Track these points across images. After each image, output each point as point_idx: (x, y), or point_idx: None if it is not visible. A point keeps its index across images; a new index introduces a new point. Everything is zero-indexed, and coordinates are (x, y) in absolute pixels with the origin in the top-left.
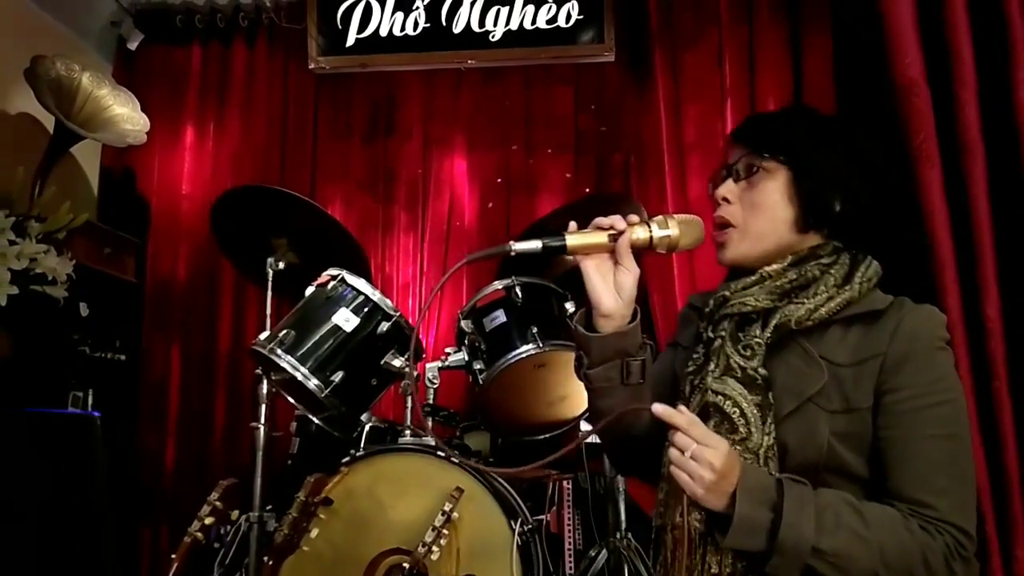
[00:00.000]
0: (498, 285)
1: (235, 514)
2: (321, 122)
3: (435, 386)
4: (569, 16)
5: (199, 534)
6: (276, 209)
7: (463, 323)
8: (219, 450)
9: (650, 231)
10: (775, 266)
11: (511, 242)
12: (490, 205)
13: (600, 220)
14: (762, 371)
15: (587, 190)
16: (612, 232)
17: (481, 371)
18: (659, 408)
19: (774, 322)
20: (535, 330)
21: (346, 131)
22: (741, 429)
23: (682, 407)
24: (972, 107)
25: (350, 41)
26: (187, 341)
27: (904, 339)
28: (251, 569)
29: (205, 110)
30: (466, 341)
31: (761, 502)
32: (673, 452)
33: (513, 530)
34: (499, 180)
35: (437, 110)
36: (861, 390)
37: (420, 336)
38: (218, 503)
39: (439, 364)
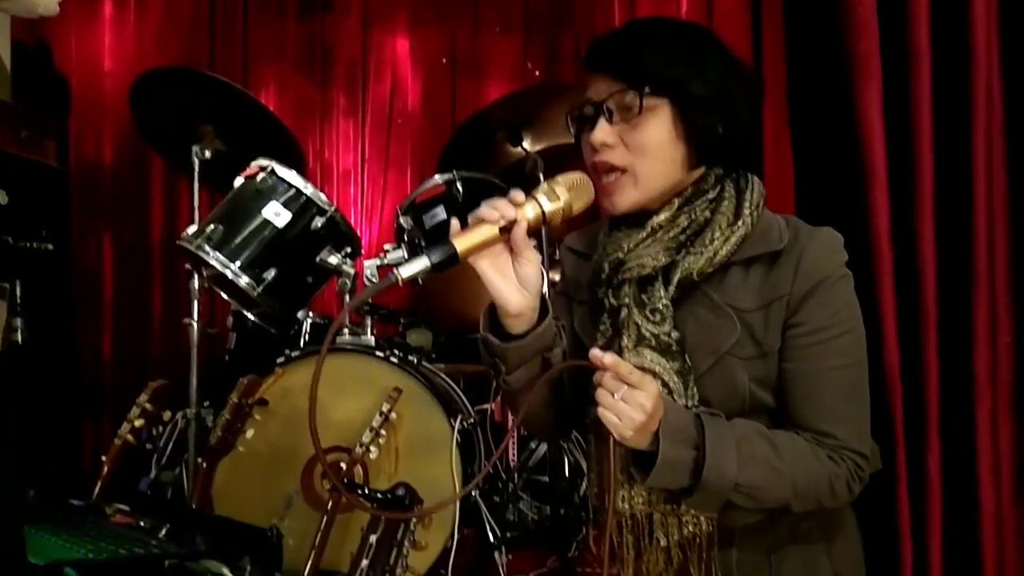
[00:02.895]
0: (438, 180)
1: (167, 414)
2: None
3: None
4: None
5: (129, 436)
6: (201, 93)
7: (402, 219)
8: (158, 344)
9: (540, 207)
10: (663, 215)
11: (396, 269)
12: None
13: (483, 212)
14: (675, 334)
15: (537, 73)
16: (503, 223)
17: None
18: (597, 353)
19: (676, 278)
20: None
21: (279, 6)
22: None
23: (608, 355)
24: (923, 12)
25: None
26: (119, 230)
27: (806, 277)
28: (190, 466)
29: None
30: (405, 237)
31: (683, 441)
32: (603, 395)
33: (452, 427)
34: (444, 61)
35: None
36: (771, 333)
37: (358, 233)
38: (148, 405)
39: (378, 262)
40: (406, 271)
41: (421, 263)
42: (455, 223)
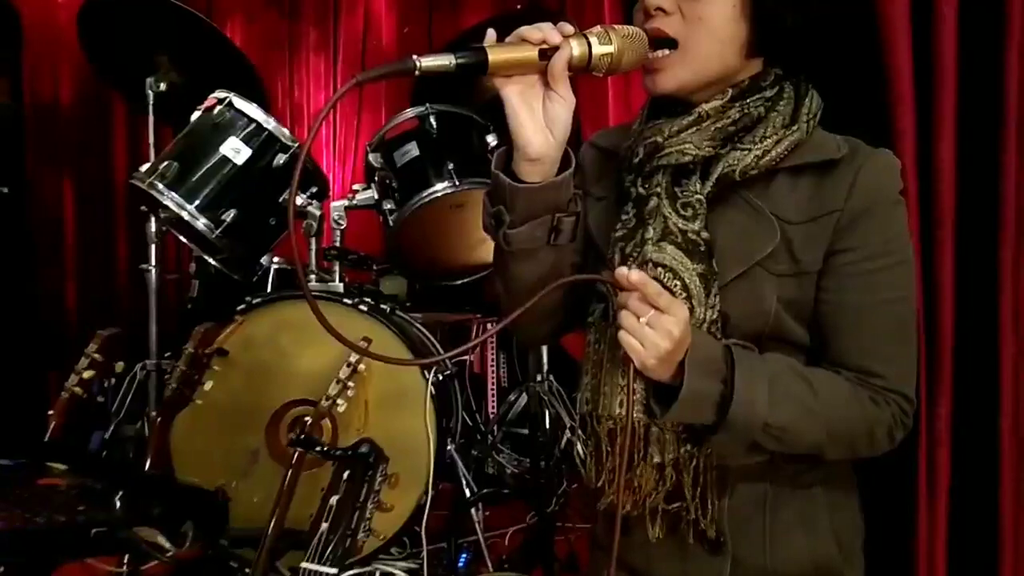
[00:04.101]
0: (410, 113)
1: (120, 365)
2: None
3: (341, 227)
4: None
5: (78, 389)
6: (154, 20)
7: (371, 157)
8: (124, 292)
9: (588, 47)
10: (714, 103)
11: (416, 57)
12: (406, 30)
13: (526, 30)
14: (704, 235)
15: (518, 7)
16: (544, 47)
17: (392, 211)
18: (623, 271)
19: (716, 173)
20: (451, 166)
21: None
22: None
23: (635, 271)
24: None
25: None
26: (80, 172)
27: (862, 195)
28: (150, 419)
29: None
30: (376, 177)
31: (711, 374)
32: (627, 317)
33: (426, 378)
34: None
35: None
36: (812, 251)
37: (324, 171)
38: (97, 355)
39: (345, 203)
40: (427, 61)
41: (445, 58)
42: (491, 33)
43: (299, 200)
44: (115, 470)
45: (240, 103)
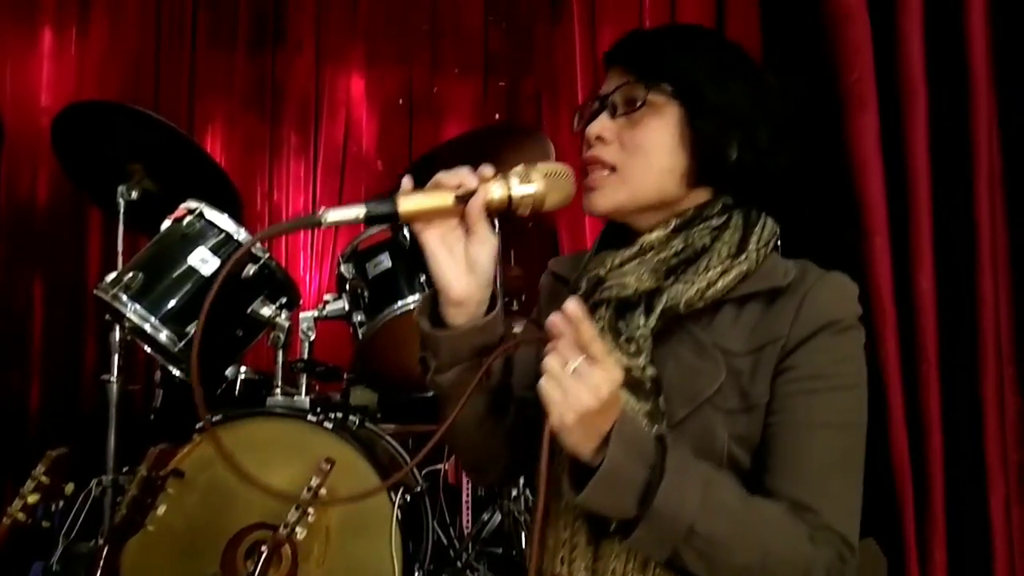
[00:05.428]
0: (383, 224)
1: (69, 487)
2: (201, 28)
3: (310, 338)
4: None
5: (21, 514)
6: (129, 129)
7: (343, 268)
8: (89, 397)
9: (508, 188)
10: (656, 234)
11: (323, 209)
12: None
13: (442, 176)
14: (650, 371)
15: (497, 116)
16: (460, 192)
17: (362, 324)
18: (559, 316)
19: (660, 307)
20: (423, 278)
21: (229, 40)
22: None
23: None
24: (916, 40)
25: None
26: (52, 273)
27: (809, 319)
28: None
29: (65, 10)
30: (347, 287)
31: (638, 456)
32: (552, 362)
33: (393, 502)
34: (400, 102)
35: (332, 20)
36: (760, 383)
37: (301, 273)
38: (44, 477)
39: (315, 314)
40: (334, 215)
41: (354, 211)
42: (407, 181)
43: (267, 311)
44: None
45: (211, 213)
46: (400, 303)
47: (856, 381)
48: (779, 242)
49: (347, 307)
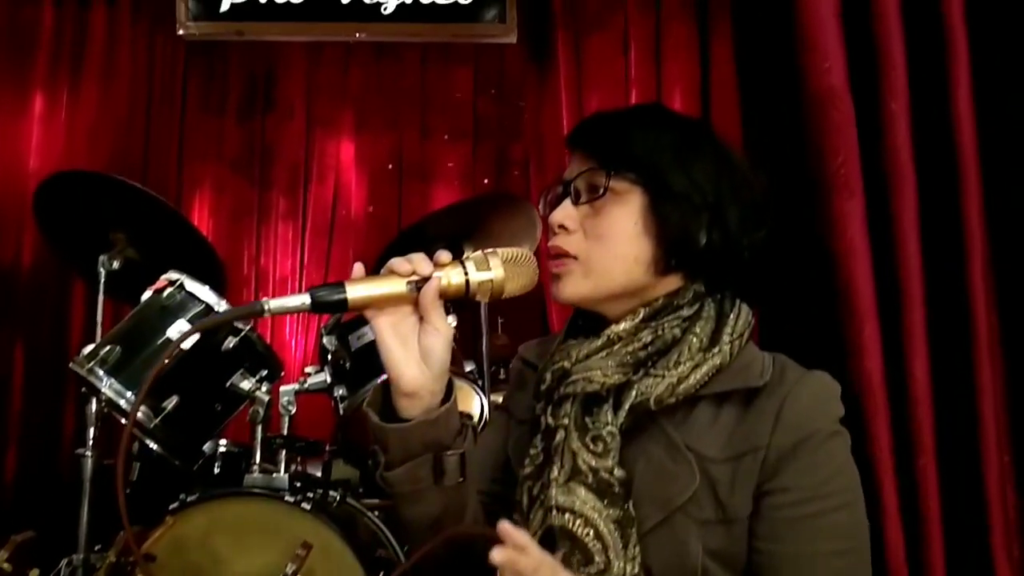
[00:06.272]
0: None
1: (34, 573)
2: (191, 95)
3: (291, 413)
4: None
5: None
6: (112, 199)
7: (326, 340)
8: (66, 466)
9: (465, 275)
10: (624, 324)
11: (266, 300)
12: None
13: (396, 262)
14: (619, 472)
15: (486, 181)
16: (414, 279)
17: (343, 398)
18: (507, 529)
19: (628, 402)
20: None
21: (219, 106)
22: (598, 558)
23: (522, 535)
24: (903, 123)
25: (224, 6)
26: (33, 338)
27: (790, 428)
28: None
29: (58, 76)
30: (329, 359)
31: None
32: None
33: None
34: (390, 167)
35: (322, 86)
36: (739, 494)
37: (292, 344)
38: (6, 564)
39: (296, 387)
40: (277, 303)
41: (298, 300)
42: (358, 267)
43: (247, 385)
44: None
45: (192, 285)
46: (382, 378)
47: (852, 496)
48: (751, 331)
49: (329, 380)
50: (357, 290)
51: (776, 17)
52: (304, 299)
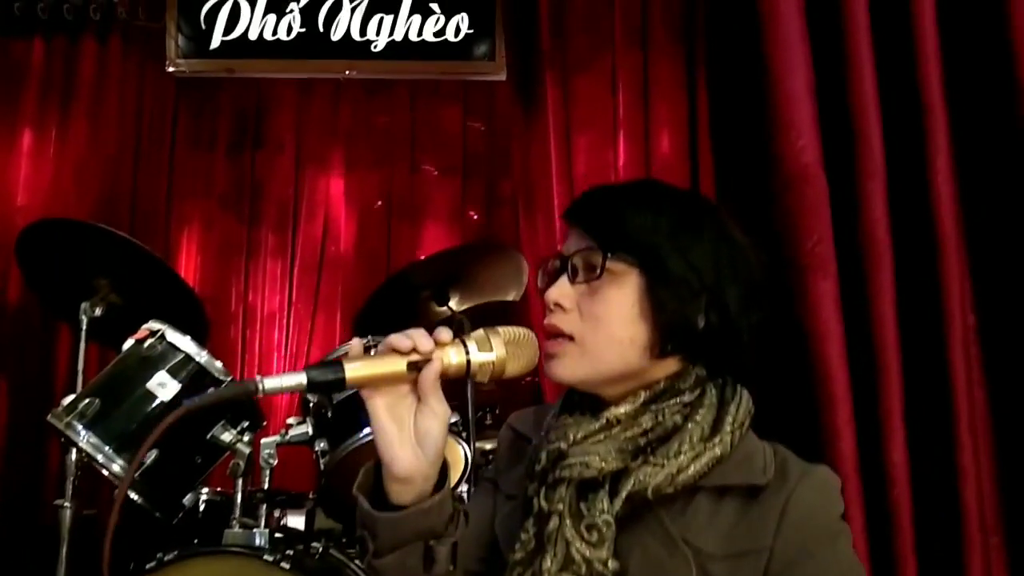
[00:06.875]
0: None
1: None
2: (180, 131)
3: (272, 465)
4: (459, 30)
5: None
6: (95, 246)
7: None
8: (49, 515)
9: (466, 354)
10: (624, 408)
11: (260, 378)
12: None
13: (395, 339)
14: (613, 565)
15: (475, 216)
16: (414, 359)
17: (325, 452)
18: None
19: (626, 491)
20: None
21: (209, 142)
22: None
23: None
24: (880, 201)
25: (215, 43)
26: (18, 380)
27: (795, 529)
28: None
29: (47, 112)
30: (311, 410)
31: None
32: None
33: None
34: (379, 203)
35: (312, 123)
36: None
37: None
38: None
39: (277, 439)
40: (272, 383)
41: (295, 379)
42: (356, 343)
43: (228, 436)
44: None
45: (173, 336)
46: (365, 431)
47: None
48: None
49: (311, 432)
50: (355, 370)
51: (750, 93)
52: (300, 379)
